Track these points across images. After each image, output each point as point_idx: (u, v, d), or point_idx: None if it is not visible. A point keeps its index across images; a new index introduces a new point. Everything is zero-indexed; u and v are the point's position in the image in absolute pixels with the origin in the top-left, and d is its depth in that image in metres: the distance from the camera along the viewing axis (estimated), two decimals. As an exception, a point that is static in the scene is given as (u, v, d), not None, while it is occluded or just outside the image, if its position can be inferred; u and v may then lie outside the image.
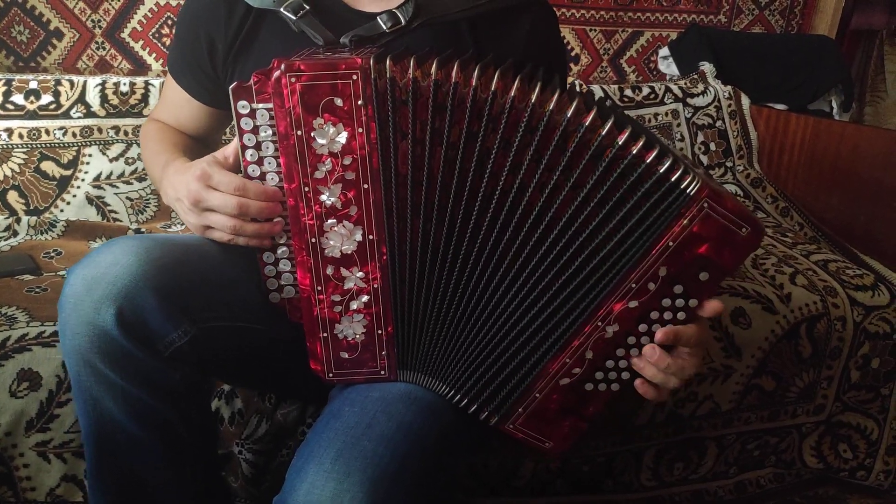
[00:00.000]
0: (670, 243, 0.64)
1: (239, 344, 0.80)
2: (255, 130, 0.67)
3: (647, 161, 0.63)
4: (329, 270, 0.70)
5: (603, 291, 0.67)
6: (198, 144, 0.98)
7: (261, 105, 0.66)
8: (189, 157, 0.83)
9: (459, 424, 0.75)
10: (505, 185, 0.66)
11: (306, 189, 0.66)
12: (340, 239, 0.68)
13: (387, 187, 0.66)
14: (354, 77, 0.63)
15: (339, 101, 0.63)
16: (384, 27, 0.78)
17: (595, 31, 2.00)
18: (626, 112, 1.75)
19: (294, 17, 0.76)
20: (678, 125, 1.83)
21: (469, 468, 1.15)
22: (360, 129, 0.64)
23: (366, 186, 0.66)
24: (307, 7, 0.77)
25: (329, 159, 0.65)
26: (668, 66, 2.01)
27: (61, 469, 0.97)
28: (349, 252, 0.69)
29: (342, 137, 0.65)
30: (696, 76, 1.90)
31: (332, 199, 0.67)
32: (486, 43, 0.84)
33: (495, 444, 1.15)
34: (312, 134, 0.64)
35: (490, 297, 0.70)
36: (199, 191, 0.71)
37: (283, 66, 0.63)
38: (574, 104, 0.64)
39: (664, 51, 2.02)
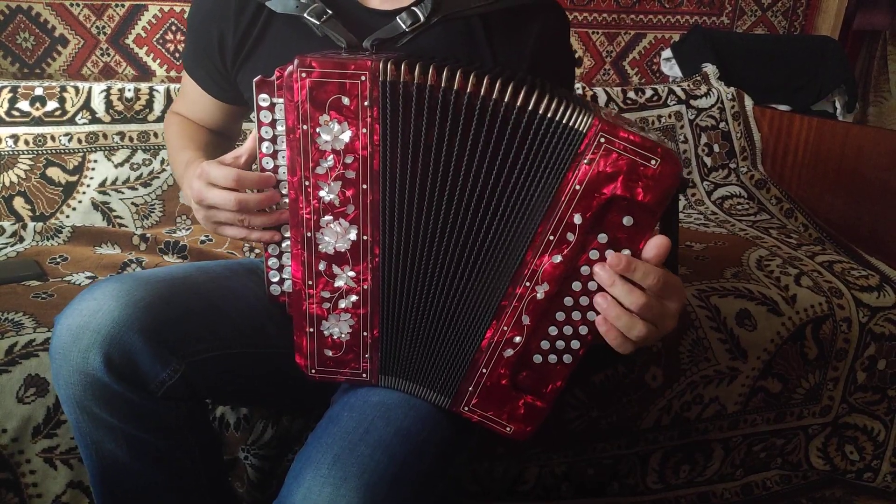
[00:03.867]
0: (577, 187, 0.62)
1: (233, 370, 0.80)
2: (273, 124, 0.69)
3: (540, 111, 0.62)
4: (321, 266, 0.70)
5: (521, 247, 0.66)
6: (219, 138, 0.99)
7: (280, 100, 0.67)
8: (211, 152, 0.84)
9: (459, 431, 0.74)
10: (463, 179, 0.66)
11: (307, 183, 0.67)
12: (335, 236, 0.69)
13: (384, 190, 0.67)
14: (363, 78, 0.64)
15: (346, 101, 0.64)
16: (404, 27, 0.78)
17: (598, 33, 2.00)
18: (621, 114, 1.76)
19: (318, 23, 0.77)
20: (681, 127, 1.82)
21: (474, 474, 1.15)
22: (364, 130, 0.65)
23: (364, 187, 0.67)
24: (330, 12, 0.78)
25: (331, 156, 0.66)
26: (671, 68, 2.01)
27: (67, 475, 0.97)
28: (343, 250, 0.69)
29: (346, 136, 0.65)
30: (699, 78, 1.90)
31: (331, 195, 0.67)
32: (497, 42, 0.84)
33: (500, 450, 1.15)
34: (318, 129, 0.65)
35: (455, 291, 0.70)
36: (201, 189, 0.72)
37: (296, 61, 0.64)
38: (496, 89, 0.63)
39: (667, 53, 2.02)
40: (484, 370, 0.71)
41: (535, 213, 0.65)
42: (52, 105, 1.42)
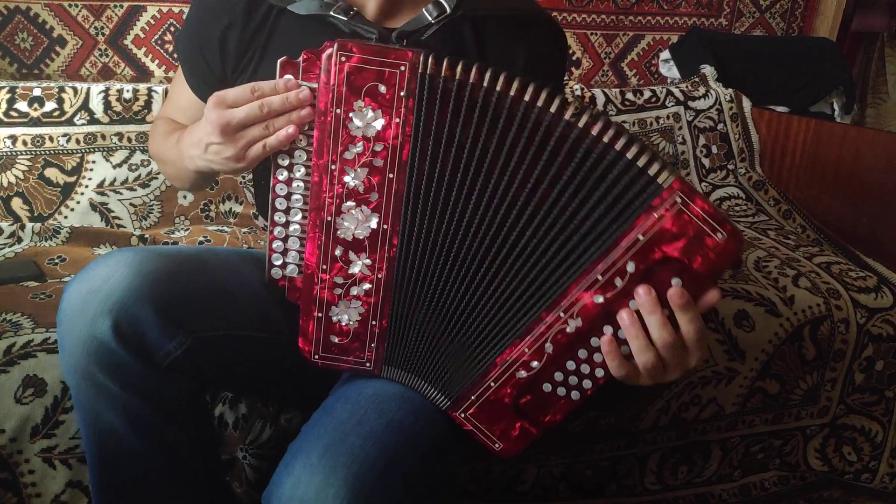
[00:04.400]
0: (640, 237, 0.62)
1: (238, 353, 0.80)
2: None
3: (617, 149, 0.63)
4: (338, 251, 0.70)
5: (568, 277, 0.66)
6: None
7: (304, 83, 0.68)
8: None
9: (453, 428, 0.75)
10: (494, 185, 0.66)
11: (333, 167, 0.67)
12: (355, 222, 0.69)
13: (409, 180, 0.67)
14: (402, 68, 0.64)
15: (382, 88, 0.65)
16: (430, 18, 0.79)
17: (596, 34, 2.00)
18: (620, 115, 1.76)
19: (345, 19, 0.77)
20: (680, 128, 1.83)
21: (472, 474, 1.15)
22: (398, 120, 0.66)
23: (391, 176, 0.67)
24: (355, 8, 0.78)
25: (361, 142, 0.67)
26: (670, 70, 2.01)
27: (66, 475, 0.97)
28: (361, 237, 0.70)
29: (378, 124, 0.66)
30: (697, 79, 1.90)
31: (356, 181, 0.68)
32: (491, 48, 0.84)
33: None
34: (351, 115, 0.66)
35: (473, 294, 0.70)
36: (222, 115, 0.69)
37: (336, 45, 0.64)
38: (556, 102, 0.64)
39: (665, 54, 2.02)
40: (492, 384, 0.71)
41: (589, 248, 0.65)
42: (50, 106, 1.42)
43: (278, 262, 0.74)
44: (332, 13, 0.78)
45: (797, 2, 2.13)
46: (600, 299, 0.65)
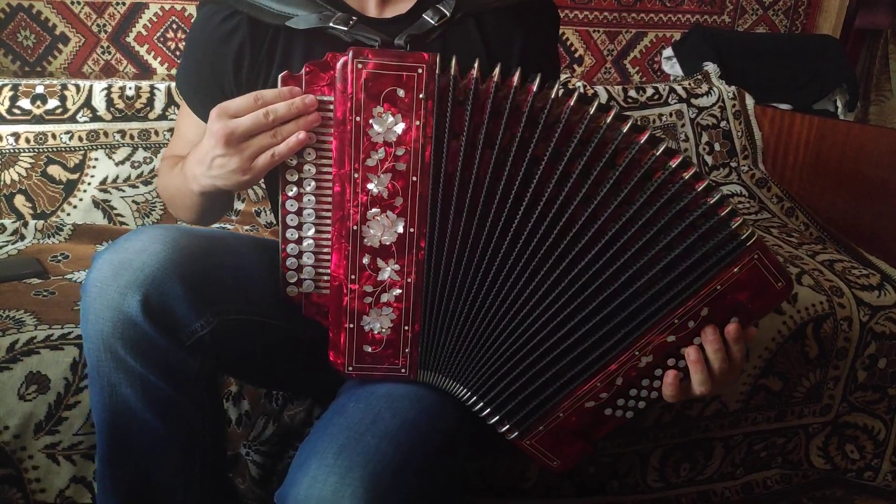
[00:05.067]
0: (718, 287, 0.67)
1: (257, 339, 0.80)
2: None
3: (697, 190, 0.65)
4: (365, 260, 0.70)
5: (648, 321, 0.69)
6: None
7: (315, 96, 0.67)
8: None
9: (465, 426, 0.75)
10: (550, 195, 0.67)
11: (356, 175, 0.67)
12: (381, 229, 0.69)
13: (434, 183, 0.67)
14: (420, 71, 0.64)
15: (401, 93, 0.65)
16: (432, 22, 0.79)
17: (598, 32, 2.00)
18: (630, 116, 1.76)
19: (345, 29, 0.77)
20: (682, 126, 1.82)
21: (477, 470, 1.16)
22: (418, 123, 0.66)
23: (414, 179, 0.67)
24: (355, 18, 0.78)
25: (383, 148, 0.66)
26: (672, 67, 2.01)
27: (70, 471, 0.97)
28: (388, 243, 0.69)
29: (399, 128, 0.66)
30: (700, 76, 1.90)
31: (380, 188, 0.67)
32: (492, 40, 0.84)
33: (503, 446, 1.15)
34: (371, 121, 0.66)
35: (522, 306, 0.71)
36: (226, 125, 0.67)
37: (351, 53, 0.64)
38: (629, 123, 0.65)
39: (668, 51, 2.02)
40: (561, 414, 0.73)
41: (666, 291, 0.68)
42: (53, 103, 1.42)
43: (293, 280, 0.73)
44: (332, 24, 0.77)
45: (800, -1, 2.13)
46: (672, 338, 0.69)
